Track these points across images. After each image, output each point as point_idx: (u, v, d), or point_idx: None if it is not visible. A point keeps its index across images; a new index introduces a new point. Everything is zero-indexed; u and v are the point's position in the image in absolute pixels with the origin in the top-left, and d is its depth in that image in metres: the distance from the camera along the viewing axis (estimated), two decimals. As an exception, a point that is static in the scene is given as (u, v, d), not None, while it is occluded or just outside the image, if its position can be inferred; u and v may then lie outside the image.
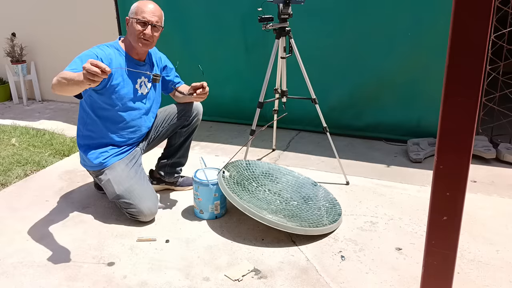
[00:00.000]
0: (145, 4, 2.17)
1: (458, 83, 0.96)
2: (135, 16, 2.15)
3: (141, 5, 2.16)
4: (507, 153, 2.92)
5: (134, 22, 2.15)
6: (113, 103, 2.20)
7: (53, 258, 1.96)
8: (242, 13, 3.50)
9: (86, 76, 1.66)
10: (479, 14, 0.90)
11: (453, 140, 1.01)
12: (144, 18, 2.14)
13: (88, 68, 1.64)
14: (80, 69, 1.93)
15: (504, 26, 2.92)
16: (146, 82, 2.31)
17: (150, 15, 2.15)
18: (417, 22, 3.08)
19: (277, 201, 2.31)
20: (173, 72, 2.49)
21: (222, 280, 1.80)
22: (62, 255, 1.98)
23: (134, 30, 2.15)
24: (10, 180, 2.75)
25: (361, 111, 3.45)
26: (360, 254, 1.97)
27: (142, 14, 2.14)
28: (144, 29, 2.15)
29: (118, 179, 2.23)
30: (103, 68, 1.65)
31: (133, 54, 2.24)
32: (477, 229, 2.15)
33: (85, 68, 1.65)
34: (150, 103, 2.37)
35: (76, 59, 2.04)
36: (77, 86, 1.81)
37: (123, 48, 2.23)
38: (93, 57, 2.06)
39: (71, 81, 1.80)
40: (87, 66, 1.65)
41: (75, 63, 2.00)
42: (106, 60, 2.11)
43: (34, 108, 4.63)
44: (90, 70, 1.64)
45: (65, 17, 4.46)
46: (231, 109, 3.85)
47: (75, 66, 1.97)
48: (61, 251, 2.01)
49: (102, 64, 1.66)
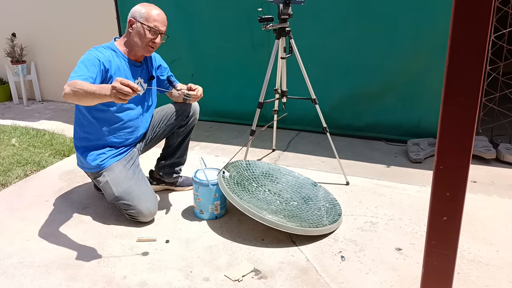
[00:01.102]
0: (155, 11, 2.17)
1: (458, 83, 0.96)
2: (146, 23, 2.15)
3: (151, 12, 2.16)
4: (507, 153, 2.92)
5: (144, 29, 2.15)
6: (109, 104, 2.19)
7: (53, 258, 1.96)
8: (246, 13, 3.50)
9: (116, 95, 1.72)
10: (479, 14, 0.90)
11: (453, 140, 1.01)
12: (157, 27, 2.16)
13: (120, 88, 1.71)
14: (87, 75, 1.97)
15: (504, 26, 2.92)
16: (142, 83, 2.32)
17: (162, 24, 2.18)
18: (417, 22, 3.08)
19: (277, 201, 2.31)
20: (167, 70, 2.49)
21: (222, 281, 1.80)
22: (62, 255, 1.98)
23: (144, 37, 2.16)
24: (10, 180, 2.76)
25: (361, 111, 3.45)
26: (360, 254, 1.97)
27: (154, 23, 2.15)
28: (155, 38, 2.17)
29: (117, 180, 2.23)
30: (135, 88, 1.72)
31: (130, 55, 2.25)
32: (477, 229, 2.15)
33: (116, 88, 1.71)
34: (146, 103, 2.37)
35: (80, 64, 2.04)
36: (98, 100, 1.84)
37: (119, 49, 2.23)
38: (96, 62, 2.06)
39: (92, 94, 1.81)
40: (118, 86, 1.71)
41: (80, 69, 2.00)
42: (107, 63, 2.11)
43: (34, 108, 4.63)
44: (122, 90, 1.71)
45: (65, 18, 4.46)
46: (234, 109, 3.85)
47: (81, 73, 1.98)
48: (61, 251, 2.01)
49: (133, 84, 1.73)
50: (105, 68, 2.10)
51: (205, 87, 2.35)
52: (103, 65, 2.09)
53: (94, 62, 2.05)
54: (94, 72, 2.02)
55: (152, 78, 2.36)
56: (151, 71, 2.37)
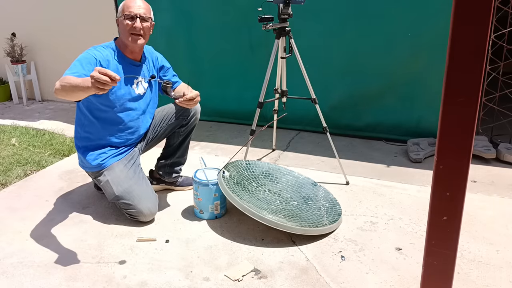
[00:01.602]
0: (130, 1, 2.18)
1: (458, 83, 0.96)
2: (122, 13, 2.16)
3: (127, 2, 2.17)
4: (507, 153, 2.92)
5: (122, 20, 2.16)
6: (110, 104, 2.20)
7: (53, 258, 1.96)
8: (246, 13, 3.49)
9: (95, 85, 1.66)
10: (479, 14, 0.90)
11: (453, 140, 1.01)
12: (131, 12, 2.15)
13: (97, 77, 1.64)
14: (80, 72, 1.94)
15: (504, 26, 2.92)
16: (143, 82, 2.31)
17: (137, 8, 2.16)
18: (417, 22, 3.08)
19: (277, 201, 2.31)
20: (170, 71, 2.48)
21: (222, 280, 1.80)
22: (62, 255, 1.98)
23: (124, 27, 2.16)
24: (10, 180, 2.75)
25: (361, 111, 3.45)
26: (360, 254, 1.97)
27: (128, 9, 2.15)
28: (133, 23, 2.15)
29: (117, 180, 2.23)
30: (113, 77, 1.65)
31: (127, 53, 2.24)
32: (477, 229, 2.15)
33: (94, 77, 1.64)
34: (147, 103, 2.37)
35: (76, 62, 2.04)
36: (82, 92, 1.80)
37: (118, 49, 2.23)
38: (92, 60, 2.06)
39: (77, 87, 1.78)
40: (96, 75, 1.64)
41: (75, 67, 2.00)
42: (104, 62, 2.11)
43: (34, 108, 4.63)
44: (100, 79, 1.63)
45: (65, 17, 4.46)
46: (234, 109, 3.85)
47: (76, 70, 1.97)
48: (61, 251, 2.01)
49: (111, 72, 1.66)
50: (102, 67, 2.09)
51: (205, 87, 2.35)
52: (100, 63, 2.08)
53: (90, 61, 2.05)
54: (90, 70, 1.99)
55: (153, 77, 2.36)
56: (152, 71, 2.37)
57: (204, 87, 2.28)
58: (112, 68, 2.15)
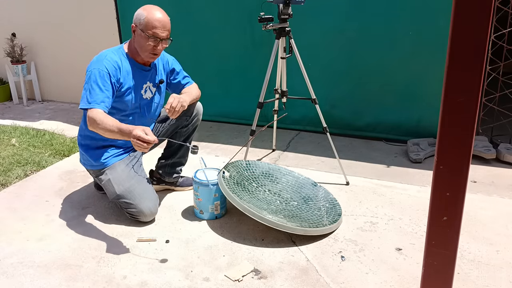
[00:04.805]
0: (154, 16, 2.09)
1: (458, 83, 0.96)
2: (145, 29, 2.09)
3: (151, 18, 2.09)
4: (507, 153, 2.92)
5: (144, 37, 2.10)
6: (118, 108, 2.20)
7: (53, 258, 1.96)
8: (247, 13, 3.49)
9: (135, 144, 1.87)
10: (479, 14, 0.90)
11: (453, 140, 1.01)
12: (156, 35, 2.09)
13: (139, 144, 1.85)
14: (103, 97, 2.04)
15: (504, 26, 2.92)
16: (151, 87, 2.31)
17: (161, 30, 2.10)
18: (417, 22, 3.08)
19: (277, 201, 2.31)
20: (181, 73, 2.45)
21: (222, 281, 1.80)
22: (62, 255, 1.98)
23: (144, 44, 2.12)
24: (10, 180, 2.75)
25: (361, 111, 3.45)
26: (360, 254, 1.97)
27: (153, 30, 2.08)
28: (156, 45, 2.13)
29: (119, 179, 2.23)
30: (152, 141, 1.84)
31: (138, 59, 2.24)
32: (477, 229, 2.15)
33: (134, 143, 1.86)
34: (154, 108, 2.38)
35: (93, 84, 2.05)
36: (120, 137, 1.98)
37: (128, 54, 2.22)
38: (106, 76, 2.07)
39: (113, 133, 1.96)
40: (136, 143, 1.85)
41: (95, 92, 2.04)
42: (115, 71, 2.12)
43: (34, 108, 4.63)
44: (142, 147, 1.85)
45: (65, 18, 4.45)
46: (234, 109, 3.85)
47: (97, 97, 2.03)
48: (61, 251, 2.01)
49: (151, 138, 1.84)
50: (115, 77, 2.11)
51: (205, 87, 2.35)
52: (113, 76, 2.10)
53: (105, 77, 2.07)
54: (108, 89, 2.07)
55: (161, 82, 2.36)
56: (161, 75, 2.37)
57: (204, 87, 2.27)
58: (123, 73, 2.15)
